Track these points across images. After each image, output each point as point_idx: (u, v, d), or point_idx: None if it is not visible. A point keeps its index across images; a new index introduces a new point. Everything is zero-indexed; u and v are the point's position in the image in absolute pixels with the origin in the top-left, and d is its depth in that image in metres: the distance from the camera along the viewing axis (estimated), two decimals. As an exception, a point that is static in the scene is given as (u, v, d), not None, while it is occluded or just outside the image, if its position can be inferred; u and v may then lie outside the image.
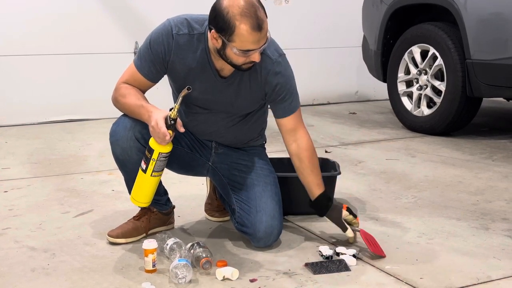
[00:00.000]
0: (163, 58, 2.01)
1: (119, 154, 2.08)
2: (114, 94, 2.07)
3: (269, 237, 2.10)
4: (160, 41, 2.00)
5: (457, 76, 3.79)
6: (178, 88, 2.09)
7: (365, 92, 5.76)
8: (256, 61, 1.92)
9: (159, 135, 1.90)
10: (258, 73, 2.04)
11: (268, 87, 2.07)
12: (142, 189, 2.05)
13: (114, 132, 2.07)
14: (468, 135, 4.02)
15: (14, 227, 2.36)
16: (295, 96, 2.14)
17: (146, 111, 1.95)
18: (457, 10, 3.72)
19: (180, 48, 2.00)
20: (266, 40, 1.91)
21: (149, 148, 1.96)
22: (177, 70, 2.04)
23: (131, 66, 2.08)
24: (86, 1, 4.60)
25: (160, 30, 2.02)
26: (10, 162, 3.41)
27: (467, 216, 2.48)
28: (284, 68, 2.08)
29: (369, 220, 2.44)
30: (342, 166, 2.76)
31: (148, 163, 1.97)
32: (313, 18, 5.43)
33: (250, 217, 2.10)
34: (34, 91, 4.54)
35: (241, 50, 1.87)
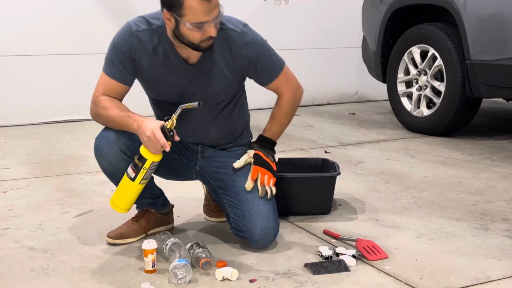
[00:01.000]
0: (129, 57, 2.01)
1: (107, 168, 2.07)
2: (94, 108, 2.04)
3: (266, 238, 2.10)
4: (124, 41, 2.01)
5: (456, 76, 3.79)
6: (153, 92, 2.11)
7: (365, 93, 5.76)
8: (212, 35, 1.89)
9: (156, 145, 1.89)
10: (229, 50, 2.02)
11: (243, 60, 2.04)
12: (126, 195, 2.03)
13: (98, 147, 2.05)
14: (468, 135, 4.02)
15: (14, 227, 2.36)
16: (274, 59, 2.12)
17: (134, 121, 1.94)
18: (457, 11, 3.73)
19: (142, 44, 2.00)
20: (219, 12, 1.89)
21: (140, 157, 1.94)
22: (144, 67, 2.03)
23: (102, 76, 2.05)
24: (87, 2, 4.61)
25: (121, 31, 2.03)
26: (9, 162, 3.41)
27: (467, 216, 2.48)
28: (253, 37, 2.06)
29: (369, 220, 2.44)
30: (341, 166, 2.76)
31: (139, 172, 1.96)
32: (312, 18, 5.43)
33: (244, 221, 2.08)
34: (34, 91, 4.54)
35: (193, 23, 1.85)
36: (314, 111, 5.18)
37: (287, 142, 3.92)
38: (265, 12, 5.25)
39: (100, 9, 4.66)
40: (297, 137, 4.07)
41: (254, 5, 5.20)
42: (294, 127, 4.42)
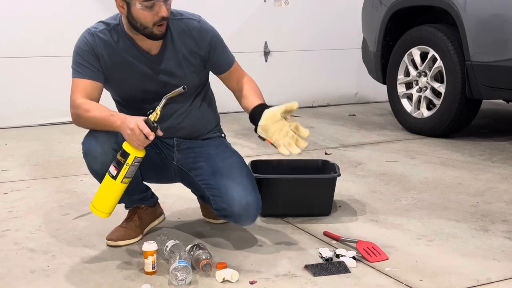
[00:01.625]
0: (93, 54, 2.04)
1: (99, 170, 2.04)
2: (75, 111, 2.03)
3: (246, 211, 2.05)
4: (85, 43, 2.06)
5: (456, 78, 3.79)
6: (119, 90, 2.11)
7: (365, 94, 5.76)
8: (164, 15, 1.93)
9: (140, 137, 1.87)
10: (190, 36, 2.07)
11: (204, 43, 2.08)
12: (106, 197, 1.96)
13: (89, 151, 2.04)
14: (468, 136, 4.02)
15: (14, 229, 2.36)
16: (228, 50, 2.18)
17: (117, 118, 1.94)
18: (457, 12, 3.73)
19: (102, 42, 2.05)
20: None
21: (123, 153, 1.91)
22: (108, 64, 2.05)
23: (75, 81, 2.05)
24: (87, 4, 4.61)
25: (81, 36, 2.09)
26: (9, 164, 3.41)
27: (467, 217, 2.48)
28: (209, 25, 2.13)
29: (369, 222, 2.44)
30: (341, 168, 2.75)
31: (121, 168, 1.91)
32: (312, 20, 5.43)
33: (222, 198, 2.06)
34: (34, 93, 4.54)
35: (143, 2, 1.90)
36: (314, 113, 5.19)
37: (287, 143, 3.91)
38: (265, 13, 5.25)
39: (99, 11, 4.65)
40: (297, 139, 4.07)
41: (254, 6, 5.20)
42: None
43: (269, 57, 5.35)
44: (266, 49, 5.31)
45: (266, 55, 5.33)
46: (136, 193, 2.22)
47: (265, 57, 5.32)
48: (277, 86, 5.31)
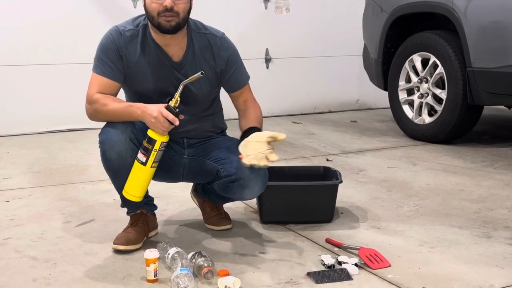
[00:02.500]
0: (117, 54, 2.10)
1: (114, 160, 2.08)
2: (92, 106, 2.09)
3: (256, 173, 2.08)
4: (111, 40, 2.11)
5: (458, 84, 3.79)
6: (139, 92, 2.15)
7: (366, 100, 5.77)
8: (167, 5, 1.99)
9: (164, 124, 1.96)
10: (210, 51, 2.15)
11: (221, 61, 2.16)
12: (139, 182, 2.07)
13: (106, 140, 2.08)
14: (470, 143, 4.02)
15: (16, 237, 2.36)
16: (244, 69, 2.25)
17: (137, 108, 2.03)
18: (457, 19, 3.73)
19: (128, 42, 2.11)
20: None
21: (149, 140, 2.01)
22: (131, 64, 2.12)
23: (94, 76, 2.13)
24: (89, 12, 4.63)
25: (108, 32, 2.14)
26: (11, 172, 3.41)
27: (469, 224, 2.48)
28: (231, 43, 2.21)
29: (371, 228, 2.44)
30: (343, 174, 2.75)
31: (149, 155, 2.02)
32: (313, 27, 5.44)
33: (232, 164, 2.10)
34: (36, 100, 4.54)
35: None
36: (315, 119, 5.19)
37: (289, 150, 3.92)
38: (267, 20, 5.26)
39: (101, 19, 4.67)
40: (298, 145, 4.07)
41: (255, 13, 5.21)
42: (295, 135, 4.43)
43: (271, 64, 5.36)
44: (267, 56, 5.32)
45: (267, 62, 5.34)
46: None
47: (266, 64, 5.33)
48: (279, 93, 5.32)
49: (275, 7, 5.28)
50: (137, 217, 2.27)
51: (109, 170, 2.13)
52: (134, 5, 4.75)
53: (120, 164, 2.08)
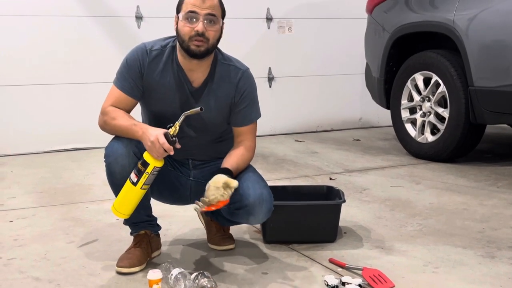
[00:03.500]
0: (139, 72, 2.15)
1: (118, 173, 2.11)
2: (103, 118, 2.16)
3: (261, 201, 2.10)
4: (135, 57, 2.16)
5: (460, 103, 3.80)
6: (152, 109, 2.20)
7: (369, 119, 5.78)
8: (199, 30, 2.04)
9: (159, 150, 1.98)
10: (228, 82, 2.19)
11: (237, 93, 2.19)
12: (127, 201, 2.10)
13: (111, 153, 2.12)
14: (473, 161, 4.02)
15: (19, 257, 2.36)
16: (257, 107, 2.27)
17: (140, 128, 2.06)
18: (459, 38, 3.76)
19: (153, 61, 2.15)
20: (212, 14, 2.06)
21: (143, 162, 2.03)
22: (150, 83, 2.16)
23: (113, 89, 2.18)
24: (93, 32, 4.67)
25: (135, 49, 2.19)
26: (15, 191, 3.42)
27: (473, 244, 2.47)
28: (252, 80, 2.25)
29: (375, 248, 2.43)
30: (346, 193, 2.76)
31: (141, 176, 2.04)
32: (316, 46, 5.48)
33: (237, 190, 2.08)
34: (40, 120, 4.57)
35: (184, 13, 2.05)
36: (318, 138, 5.20)
37: (292, 169, 3.93)
38: (270, 40, 5.31)
39: (105, 39, 4.72)
40: (301, 164, 4.08)
41: (258, 33, 5.26)
42: (298, 154, 4.44)
43: (273, 83, 5.38)
44: (270, 75, 5.36)
45: (270, 81, 5.37)
46: (145, 214, 2.26)
47: (269, 83, 5.36)
48: (281, 111, 5.34)
49: (278, 26, 5.33)
50: (140, 237, 2.27)
51: (113, 183, 2.15)
52: (138, 25, 4.80)
53: (123, 177, 2.10)
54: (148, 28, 4.77)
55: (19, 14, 4.44)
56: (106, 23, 4.72)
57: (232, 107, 2.21)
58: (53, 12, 4.53)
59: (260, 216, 2.14)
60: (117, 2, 4.73)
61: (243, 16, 5.06)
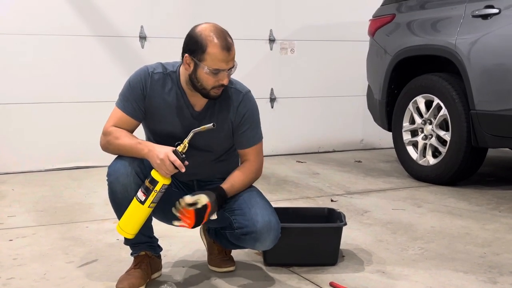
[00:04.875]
0: (142, 94, 2.16)
1: (119, 193, 2.10)
2: (105, 138, 2.16)
3: (268, 228, 2.11)
4: (139, 80, 2.17)
5: (462, 126, 3.81)
6: (153, 130, 2.22)
7: (370, 140, 5.79)
8: (224, 83, 2.07)
9: (169, 167, 1.99)
10: (231, 105, 2.20)
11: (237, 117, 2.21)
12: (134, 219, 2.09)
13: (113, 171, 2.12)
14: (474, 185, 4.01)
15: (18, 277, 2.34)
16: (259, 130, 2.29)
17: (145, 146, 2.07)
18: (461, 61, 3.78)
19: (155, 84, 2.16)
20: (234, 65, 2.08)
21: (151, 180, 2.03)
22: (153, 105, 2.17)
23: (115, 110, 2.19)
24: (97, 51, 4.70)
25: (138, 71, 2.20)
26: (15, 210, 3.41)
27: (475, 269, 2.45)
28: (253, 102, 2.26)
29: (376, 272, 2.42)
30: (348, 215, 2.75)
31: (149, 195, 2.04)
32: (318, 67, 5.52)
33: (245, 216, 2.12)
34: (41, 138, 4.58)
35: (211, 68, 2.04)
36: (319, 159, 5.20)
37: (293, 190, 3.92)
38: (272, 61, 5.34)
39: (108, 59, 4.75)
40: (303, 185, 4.07)
41: (261, 54, 5.29)
42: (300, 175, 4.43)
43: (275, 104, 5.40)
44: (272, 96, 5.38)
45: (272, 102, 5.39)
46: (146, 234, 2.25)
47: (271, 104, 5.38)
48: (283, 132, 5.35)
49: (280, 48, 5.37)
50: (140, 258, 2.26)
51: (114, 202, 2.15)
52: (141, 45, 4.83)
53: (124, 197, 2.10)
54: (152, 48, 4.81)
55: (24, 33, 4.48)
56: (110, 42, 4.76)
57: (234, 129, 2.23)
58: (56, 31, 4.57)
59: (267, 243, 2.14)
60: (121, 22, 4.77)
61: (246, 37, 5.10)
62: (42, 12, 4.52)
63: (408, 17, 4.35)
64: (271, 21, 5.32)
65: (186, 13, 4.94)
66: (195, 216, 2.05)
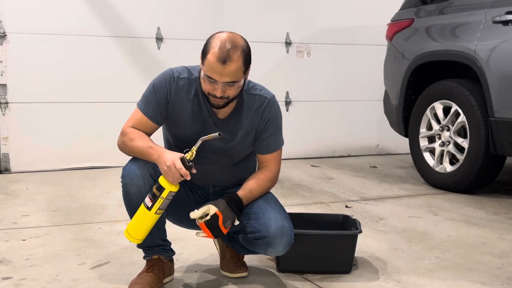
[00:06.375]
0: (165, 99, 2.14)
1: (133, 194, 2.09)
2: (121, 138, 2.15)
3: (281, 233, 2.09)
4: (163, 84, 2.14)
5: (480, 133, 3.75)
6: (175, 135, 2.20)
7: (386, 146, 5.73)
8: (217, 95, 2.02)
9: (175, 175, 1.97)
10: (255, 111, 2.18)
11: (262, 122, 2.19)
12: (141, 225, 2.07)
13: (127, 173, 2.11)
14: (492, 193, 3.94)
15: (30, 278, 2.34)
16: (280, 136, 2.27)
17: (155, 151, 2.05)
18: (480, 68, 3.72)
19: (180, 89, 2.14)
20: (232, 81, 2.01)
21: (158, 186, 2.02)
22: (176, 111, 2.15)
23: (136, 111, 2.17)
24: (113, 52, 4.71)
25: (163, 75, 2.17)
26: (29, 209, 3.42)
27: (492, 280, 2.40)
28: (277, 108, 2.24)
29: (391, 281, 2.37)
30: (362, 222, 2.71)
31: (156, 201, 2.02)
32: (334, 71, 5.48)
33: (258, 220, 2.11)
34: (57, 137, 4.60)
35: (206, 74, 2.02)
36: (334, 163, 5.15)
37: (307, 194, 3.89)
38: (288, 64, 5.31)
39: (125, 59, 4.76)
40: (317, 190, 4.04)
41: (277, 56, 5.27)
42: (314, 179, 4.39)
43: (291, 107, 5.37)
44: (287, 99, 5.35)
45: (287, 105, 5.36)
46: (159, 238, 2.23)
47: (286, 107, 5.35)
48: (298, 135, 5.32)
49: (297, 51, 5.34)
50: (153, 262, 2.24)
51: (128, 205, 2.14)
52: (158, 46, 4.83)
53: (138, 198, 2.08)
54: (168, 50, 4.81)
55: (43, 33, 4.50)
56: (126, 43, 4.77)
57: (257, 135, 2.21)
58: (74, 31, 4.59)
59: (279, 248, 2.12)
60: (138, 23, 4.78)
61: (262, 40, 5.09)
62: (61, 13, 4.54)
63: (427, 22, 4.29)
64: (288, 24, 5.29)
65: (203, 15, 4.94)
66: (208, 227, 2.04)
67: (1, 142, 4.48)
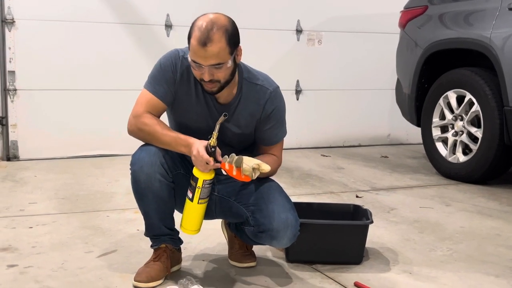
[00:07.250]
0: (173, 77, 2.09)
1: (143, 182, 2.05)
2: (135, 123, 2.07)
3: (285, 226, 2.04)
4: (170, 62, 2.09)
5: (494, 123, 3.67)
6: (179, 122, 2.15)
7: (398, 135, 5.66)
8: (204, 79, 1.97)
9: (201, 162, 1.95)
10: (256, 102, 2.12)
11: (264, 113, 2.13)
12: (191, 217, 2.09)
13: (137, 160, 2.06)
14: (506, 184, 3.88)
15: (36, 266, 2.31)
16: (283, 127, 2.22)
17: (184, 140, 2.01)
18: (495, 56, 3.64)
19: (185, 71, 2.09)
20: (217, 64, 1.94)
21: (193, 177, 2.01)
22: (181, 91, 2.10)
23: (145, 93, 2.11)
24: (122, 39, 4.67)
25: (169, 54, 2.12)
26: (37, 196, 3.40)
27: (506, 272, 2.35)
28: (280, 99, 2.17)
29: (402, 273, 2.33)
30: (373, 212, 2.66)
31: (194, 191, 2.02)
32: (345, 60, 5.40)
33: (262, 212, 2.06)
34: (66, 125, 4.57)
35: (191, 59, 1.97)
36: (345, 153, 5.10)
37: (317, 184, 3.84)
38: (299, 52, 5.24)
39: (134, 47, 4.71)
40: (327, 180, 3.99)
41: (288, 44, 5.20)
42: (324, 169, 4.34)
43: (301, 96, 5.31)
44: (298, 88, 5.29)
45: (297, 94, 5.30)
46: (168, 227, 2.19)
47: (296, 96, 5.29)
48: (308, 124, 5.26)
49: (308, 39, 5.26)
50: (160, 251, 2.20)
51: (137, 192, 2.10)
52: (167, 33, 4.78)
53: (148, 187, 2.05)
54: (177, 37, 4.75)
55: (50, 19, 4.46)
56: (135, 30, 4.72)
57: (257, 125, 2.16)
58: (82, 18, 4.54)
59: (284, 241, 2.07)
60: (147, 10, 4.73)
61: (273, 28, 5.02)
62: None
63: (441, 9, 4.21)
64: (299, 11, 5.21)
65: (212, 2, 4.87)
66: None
67: (10, 129, 4.46)
